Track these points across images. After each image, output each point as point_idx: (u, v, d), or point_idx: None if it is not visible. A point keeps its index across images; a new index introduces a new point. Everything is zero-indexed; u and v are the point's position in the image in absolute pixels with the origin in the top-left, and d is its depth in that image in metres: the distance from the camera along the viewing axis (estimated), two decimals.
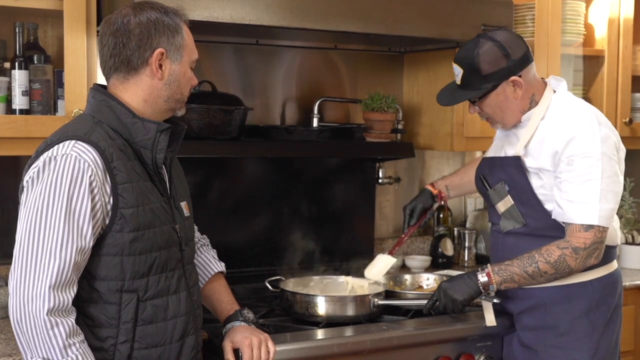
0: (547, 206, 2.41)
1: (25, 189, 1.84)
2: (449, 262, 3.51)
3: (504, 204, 2.49)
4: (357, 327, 2.51)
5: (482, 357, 2.59)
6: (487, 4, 2.93)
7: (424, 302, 2.66)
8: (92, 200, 1.81)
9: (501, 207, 2.50)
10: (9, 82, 2.53)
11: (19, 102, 2.51)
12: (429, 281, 2.98)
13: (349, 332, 2.48)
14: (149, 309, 1.91)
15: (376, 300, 2.60)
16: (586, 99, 2.77)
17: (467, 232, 3.57)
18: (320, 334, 2.44)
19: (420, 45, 3.36)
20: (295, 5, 2.58)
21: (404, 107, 3.44)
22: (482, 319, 2.56)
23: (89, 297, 1.87)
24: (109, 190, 1.84)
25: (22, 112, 2.52)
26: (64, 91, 2.51)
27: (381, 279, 2.82)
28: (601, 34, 3.66)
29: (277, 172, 3.26)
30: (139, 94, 1.95)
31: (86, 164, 1.81)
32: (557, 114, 2.41)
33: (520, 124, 2.47)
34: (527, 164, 2.43)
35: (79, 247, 1.79)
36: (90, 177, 1.80)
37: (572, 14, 3.53)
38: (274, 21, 2.56)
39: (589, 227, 2.30)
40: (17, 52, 2.55)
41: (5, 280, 2.59)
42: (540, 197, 2.41)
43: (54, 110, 2.60)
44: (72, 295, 1.80)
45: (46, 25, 2.73)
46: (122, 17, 1.93)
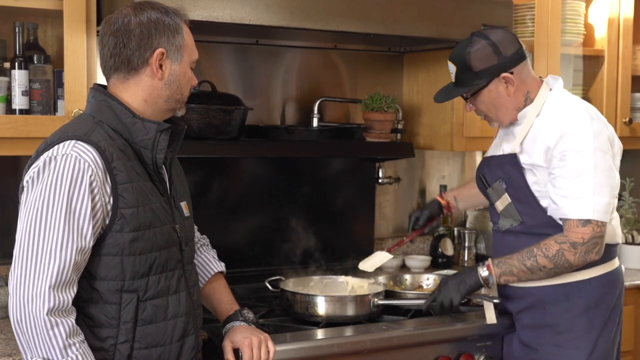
0: (542, 203, 2.42)
1: (25, 189, 1.84)
2: (449, 262, 3.51)
3: (502, 202, 2.49)
4: (357, 327, 2.51)
5: (482, 357, 2.59)
6: (487, 3, 2.93)
7: (424, 302, 2.68)
8: (92, 200, 1.81)
9: (499, 205, 2.51)
10: (9, 82, 2.53)
11: (19, 102, 2.51)
12: (429, 281, 2.98)
13: (349, 332, 2.48)
14: (149, 309, 1.91)
15: (376, 300, 2.60)
16: (586, 99, 2.77)
17: (467, 232, 3.57)
18: (320, 334, 2.44)
19: (420, 45, 3.36)
20: (295, 5, 2.58)
21: (403, 107, 3.44)
22: (482, 318, 2.56)
23: (89, 297, 1.87)
24: (109, 190, 1.84)
25: (22, 112, 2.52)
26: (64, 91, 2.51)
27: (369, 268, 2.80)
28: (601, 34, 3.66)
29: (277, 172, 3.26)
30: (139, 94, 1.95)
31: (86, 164, 1.81)
32: (551, 111, 2.42)
33: (517, 121, 2.48)
34: (522, 160, 2.44)
35: (79, 247, 1.79)
36: (90, 177, 1.80)
37: (572, 13, 3.53)
38: (274, 21, 2.56)
39: (586, 222, 2.30)
40: (17, 52, 2.54)
41: (5, 280, 2.58)
42: (535, 193, 2.42)
43: (54, 110, 2.59)
44: (72, 295, 1.80)
45: (46, 25, 2.73)
46: (122, 17, 1.93)
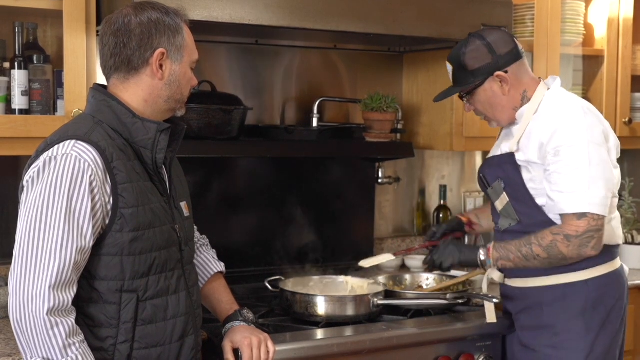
0: (538, 201, 2.41)
1: (25, 189, 1.84)
2: None
3: (501, 202, 2.49)
4: (357, 327, 2.51)
5: (482, 357, 2.59)
6: (486, 3, 2.93)
7: (424, 302, 2.68)
8: (92, 200, 1.81)
9: (499, 205, 2.51)
10: (9, 82, 2.53)
11: (19, 102, 2.51)
12: (429, 281, 2.98)
13: (349, 332, 2.48)
14: (148, 309, 1.91)
15: (376, 300, 2.60)
16: (586, 99, 2.76)
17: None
18: (320, 334, 2.44)
19: (420, 45, 3.35)
20: (295, 5, 2.58)
21: (403, 107, 3.44)
22: (482, 318, 2.56)
23: (89, 297, 1.87)
24: (109, 190, 1.84)
25: (21, 112, 2.51)
26: (64, 91, 2.51)
27: (366, 264, 2.81)
28: (601, 34, 3.66)
29: (276, 172, 3.26)
30: (139, 94, 1.95)
31: (86, 164, 1.81)
32: (546, 108, 2.42)
33: (516, 121, 2.48)
34: (517, 158, 2.44)
35: (79, 247, 1.79)
36: (90, 177, 1.80)
37: (571, 13, 3.52)
38: (273, 21, 2.56)
39: (581, 215, 2.29)
40: (17, 52, 2.54)
41: (5, 280, 2.58)
42: (531, 191, 2.41)
43: (54, 110, 2.59)
44: (72, 295, 1.80)
45: (46, 25, 2.73)
46: (123, 17, 1.93)
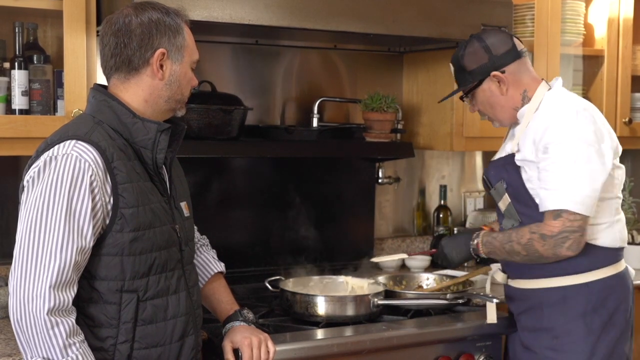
0: (536, 200, 2.41)
1: (25, 189, 1.84)
2: None
3: (504, 203, 2.49)
4: (357, 327, 2.51)
5: (482, 357, 2.59)
6: (486, 3, 2.93)
7: (424, 302, 2.68)
8: (93, 200, 1.81)
9: (502, 206, 2.50)
10: (9, 82, 2.53)
11: (19, 102, 2.51)
12: (429, 281, 2.98)
13: (349, 332, 2.48)
14: (148, 309, 1.91)
15: (376, 300, 2.60)
16: (586, 99, 2.76)
17: None
18: (320, 334, 2.44)
19: (419, 45, 3.35)
20: (295, 5, 2.58)
21: (403, 107, 3.44)
22: (482, 318, 2.56)
23: (89, 297, 1.87)
24: (109, 190, 1.84)
25: (21, 112, 2.51)
26: (64, 91, 2.51)
27: (377, 260, 2.95)
28: (601, 34, 3.66)
29: (276, 172, 3.25)
30: (139, 94, 1.95)
31: (87, 164, 1.81)
32: (544, 107, 2.41)
33: (518, 121, 2.48)
34: (516, 158, 2.43)
35: (79, 247, 1.79)
36: (90, 177, 1.80)
37: (571, 13, 3.52)
38: (273, 21, 2.56)
39: (557, 215, 2.27)
40: (17, 52, 2.54)
41: (5, 280, 2.58)
42: (530, 191, 2.40)
43: (54, 110, 2.59)
44: (73, 295, 1.80)
45: (46, 25, 2.73)
46: (123, 17, 1.93)
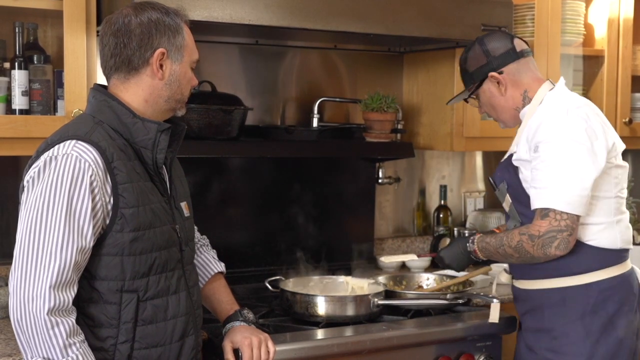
0: None
1: (25, 189, 1.84)
2: None
3: (507, 203, 2.48)
4: (357, 327, 2.51)
5: (482, 357, 2.59)
6: (486, 3, 2.93)
7: (424, 302, 2.68)
8: (93, 200, 1.81)
9: (505, 206, 2.50)
10: (9, 82, 2.53)
11: (19, 102, 2.51)
12: (429, 281, 2.98)
13: (349, 332, 2.48)
14: (149, 309, 1.91)
15: (376, 300, 2.60)
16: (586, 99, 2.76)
17: (467, 232, 3.56)
18: (320, 334, 2.44)
19: (419, 45, 3.35)
20: (295, 5, 2.58)
21: (403, 107, 3.44)
22: (482, 318, 2.57)
23: (89, 297, 1.87)
24: (109, 190, 1.85)
25: (22, 112, 2.51)
26: (64, 91, 2.51)
27: (386, 260, 2.97)
28: (601, 34, 3.66)
29: (276, 172, 3.25)
30: (139, 94, 1.95)
31: (87, 164, 1.81)
32: (541, 107, 2.39)
33: (521, 122, 2.47)
34: (513, 158, 2.43)
35: (80, 247, 1.79)
36: (90, 177, 1.81)
37: (571, 14, 3.52)
38: (273, 21, 2.56)
39: (545, 214, 2.26)
40: (17, 52, 2.54)
41: (5, 280, 2.58)
42: (527, 191, 2.40)
43: (54, 110, 2.59)
44: (73, 295, 1.80)
45: (46, 25, 2.73)
46: (123, 17, 1.93)
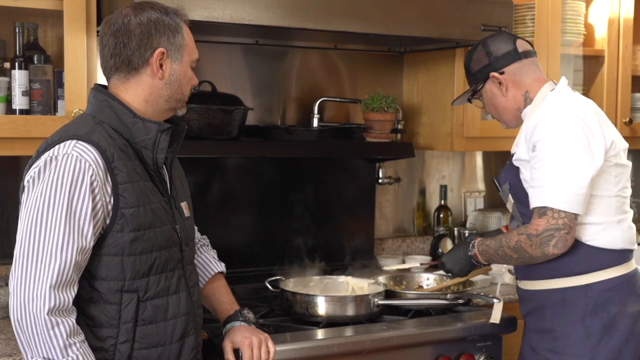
0: None
1: (26, 189, 1.84)
2: None
3: (510, 204, 2.48)
4: (357, 327, 2.51)
5: (482, 357, 2.59)
6: (486, 3, 2.93)
7: (424, 302, 2.68)
8: (93, 200, 1.81)
9: (509, 207, 2.50)
10: (9, 82, 2.53)
11: (19, 102, 2.51)
12: (429, 281, 2.97)
13: (349, 332, 2.48)
14: (149, 309, 1.91)
15: (376, 300, 2.60)
16: None
17: (467, 232, 3.56)
18: (320, 334, 2.44)
19: (420, 45, 3.35)
20: (295, 5, 2.58)
21: (403, 107, 3.44)
22: (482, 318, 2.57)
23: (89, 297, 1.87)
24: (109, 190, 1.85)
25: (22, 112, 2.51)
26: (64, 91, 2.51)
27: (390, 266, 3.07)
28: (601, 34, 3.66)
29: (277, 172, 3.25)
30: (139, 93, 1.95)
31: (87, 164, 1.81)
32: (539, 107, 2.39)
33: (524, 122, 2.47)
34: (513, 159, 2.43)
35: (80, 247, 1.79)
36: (91, 177, 1.81)
37: (572, 14, 3.52)
38: (273, 21, 2.56)
39: (542, 213, 2.25)
40: (17, 52, 2.54)
41: (5, 280, 2.58)
42: (527, 191, 2.41)
43: (54, 110, 2.59)
44: (73, 295, 1.80)
45: (46, 25, 2.73)
46: (122, 17, 1.93)
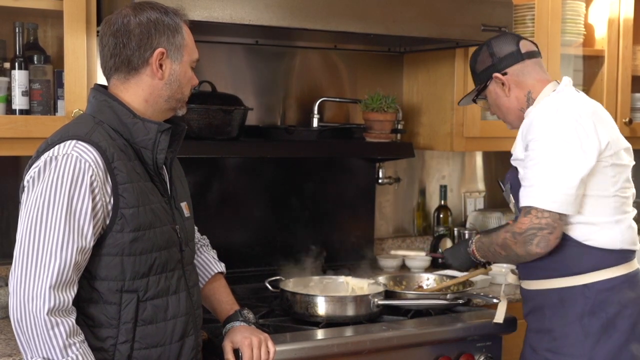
0: None
1: (26, 189, 1.84)
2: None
3: (512, 204, 2.49)
4: (357, 327, 2.51)
5: (482, 357, 2.59)
6: (486, 4, 2.93)
7: (424, 302, 2.68)
8: (93, 200, 1.81)
9: (512, 207, 2.50)
10: (9, 82, 2.53)
11: (19, 102, 2.51)
12: (429, 281, 2.98)
13: (349, 332, 2.48)
14: (149, 309, 1.91)
15: (376, 300, 2.60)
16: None
17: (467, 232, 3.56)
18: (320, 334, 2.44)
19: (419, 45, 3.35)
20: (295, 5, 2.58)
21: (403, 107, 3.44)
22: (482, 318, 2.58)
23: (89, 297, 1.87)
24: (109, 190, 1.85)
25: (22, 112, 2.51)
26: (64, 91, 2.51)
27: (398, 253, 3.21)
28: (601, 34, 3.66)
29: (277, 172, 3.26)
30: (139, 94, 1.95)
31: (87, 164, 1.81)
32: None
33: None
34: (511, 159, 2.43)
35: (80, 247, 1.79)
36: (91, 177, 1.81)
37: (572, 14, 3.52)
38: (273, 21, 2.56)
39: (527, 212, 2.26)
40: (17, 52, 2.54)
41: (5, 280, 2.58)
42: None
43: (54, 110, 2.59)
44: (73, 295, 1.80)
45: (46, 25, 2.73)
46: (122, 18, 1.93)
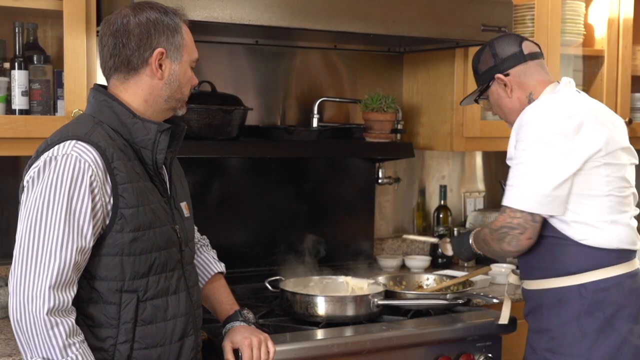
0: None
1: (25, 189, 1.84)
2: (449, 262, 3.51)
3: None
4: (357, 327, 2.51)
5: (482, 357, 2.59)
6: (486, 3, 2.93)
7: (424, 302, 2.68)
8: (93, 200, 1.81)
9: None
10: (9, 82, 2.53)
11: (19, 102, 2.51)
12: (429, 281, 2.98)
13: (349, 332, 2.48)
14: (148, 309, 1.91)
15: (376, 300, 2.60)
16: None
17: None
18: (320, 334, 2.44)
19: (419, 45, 3.35)
20: (295, 5, 2.58)
21: (403, 107, 3.44)
22: (482, 318, 2.59)
23: (89, 297, 1.87)
24: (109, 190, 1.85)
25: (21, 112, 2.51)
26: (64, 91, 2.51)
27: (409, 237, 3.20)
28: (601, 34, 3.66)
29: (276, 173, 3.26)
30: (139, 94, 1.95)
31: (87, 164, 1.81)
32: None
33: None
34: (506, 159, 2.43)
35: (79, 247, 1.79)
36: (90, 177, 1.81)
37: (571, 14, 3.52)
38: (273, 21, 2.56)
39: (503, 210, 2.29)
40: (17, 52, 2.54)
41: (5, 280, 2.58)
42: None
43: (54, 110, 2.59)
44: (72, 295, 1.80)
45: (46, 25, 2.73)
46: (121, 18, 1.93)
